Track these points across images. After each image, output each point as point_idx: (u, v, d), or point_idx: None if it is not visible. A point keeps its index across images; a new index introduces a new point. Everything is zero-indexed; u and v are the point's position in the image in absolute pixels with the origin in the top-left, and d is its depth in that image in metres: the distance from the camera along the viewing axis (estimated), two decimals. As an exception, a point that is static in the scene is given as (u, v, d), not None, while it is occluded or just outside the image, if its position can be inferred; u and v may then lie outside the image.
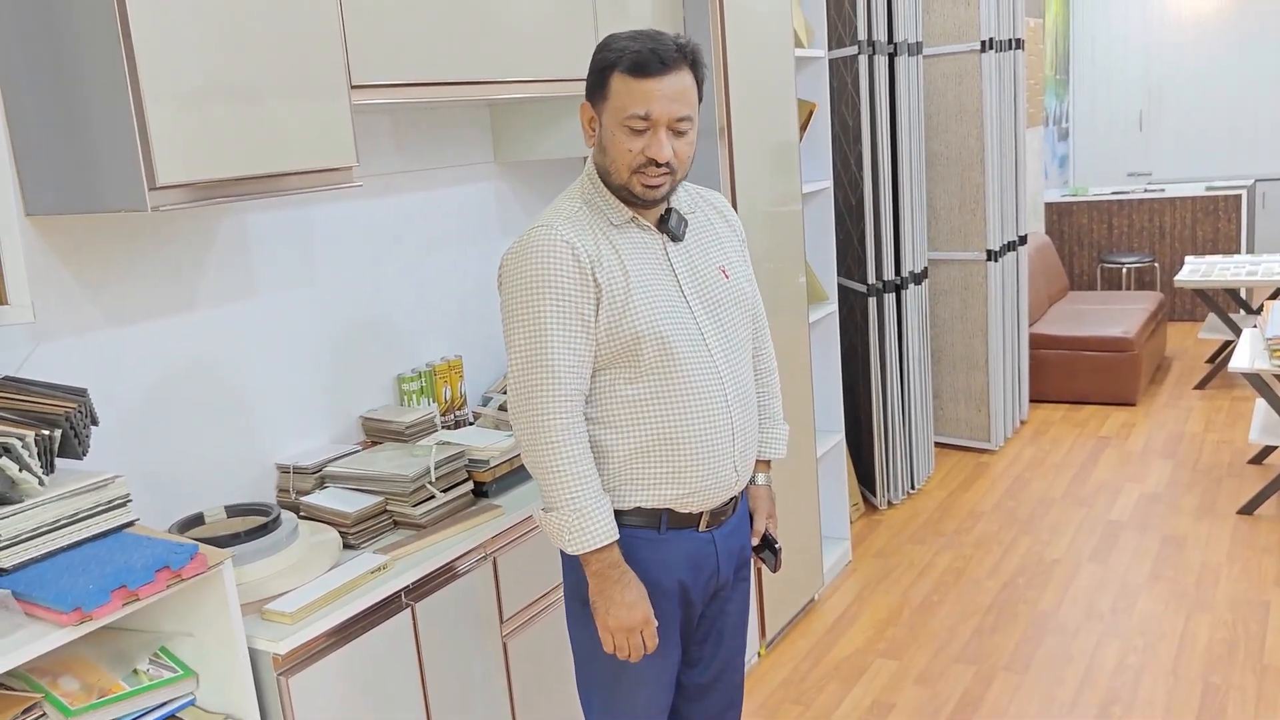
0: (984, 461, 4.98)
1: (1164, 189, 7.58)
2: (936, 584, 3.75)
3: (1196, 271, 5.73)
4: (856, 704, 3.02)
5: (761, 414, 2.04)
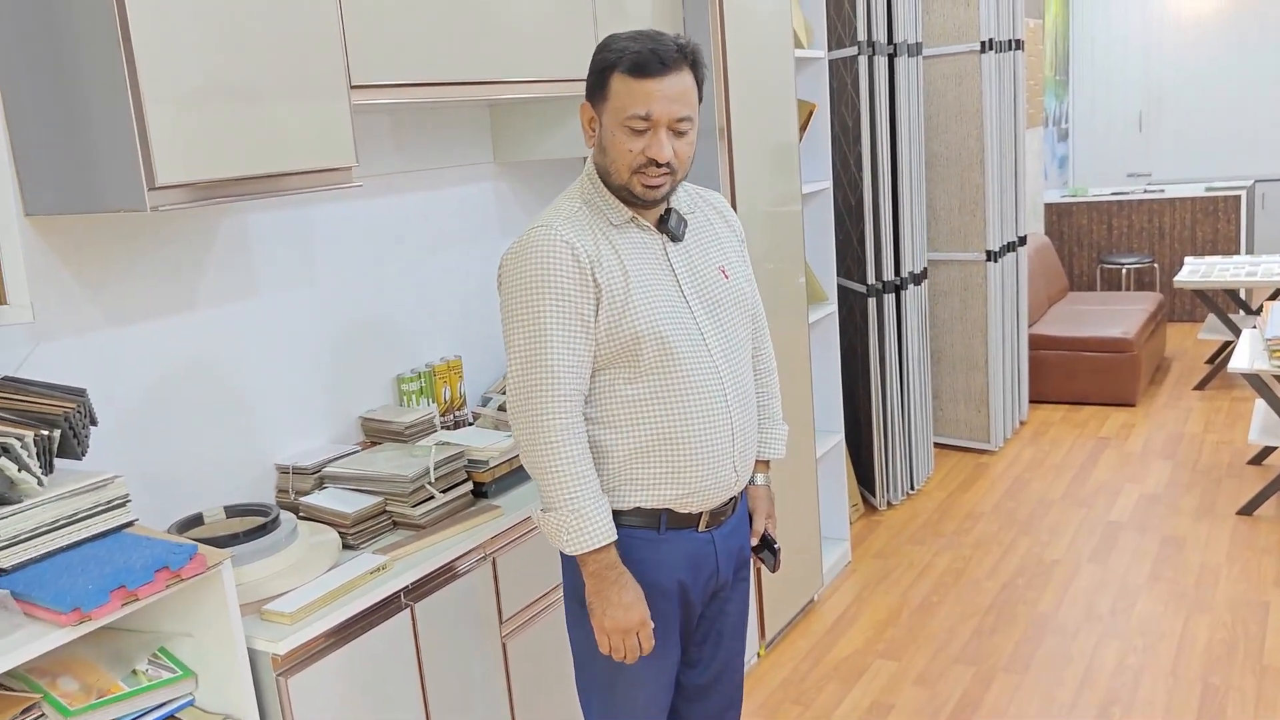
0: (983, 462, 4.98)
1: (1163, 190, 7.58)
2: (936, 585, 3.74)
3: (1196, 272, 5.73)
4: (856, 704, 3.02)
5: (761, 414, 2.04)
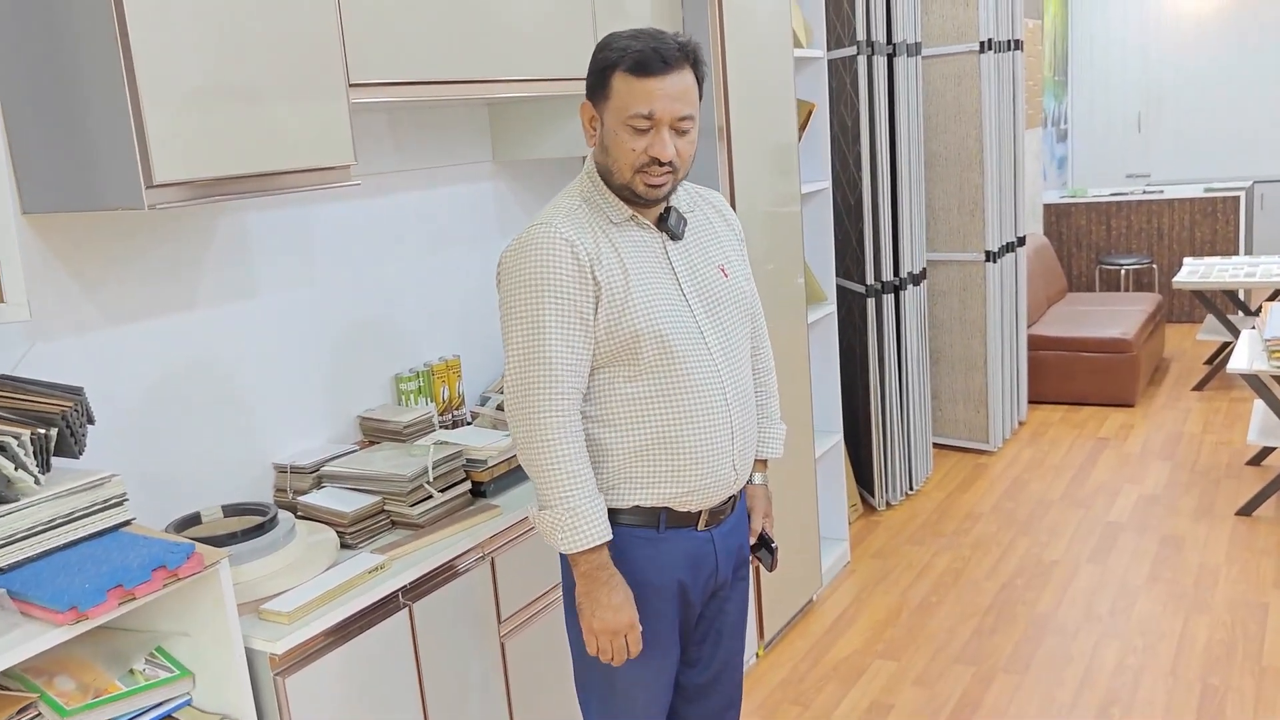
0: (982, 462, 4.98)
1: (1162, 190, 7.58)
2: (935, 585, 3.74)
3: (1195, 273, 5.73)
4: (855, 705, 3.02)
5: (759, 413, 2.04)
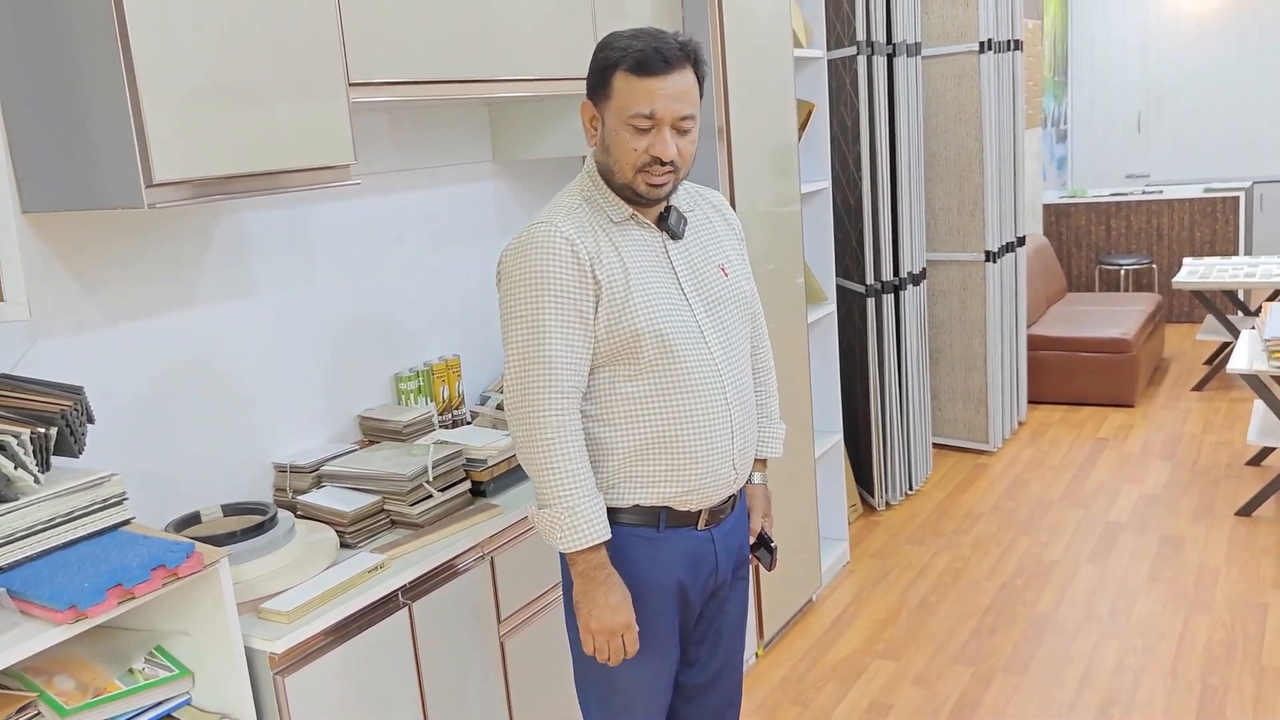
0: (982, 462, 4.98)
1: (1162, 191, 7.58)
2: (935, 585, 3.74)
3: (1195, 273, 5.73)
4: (855, 705, 3.02)
5: (759, 413, 2.04)
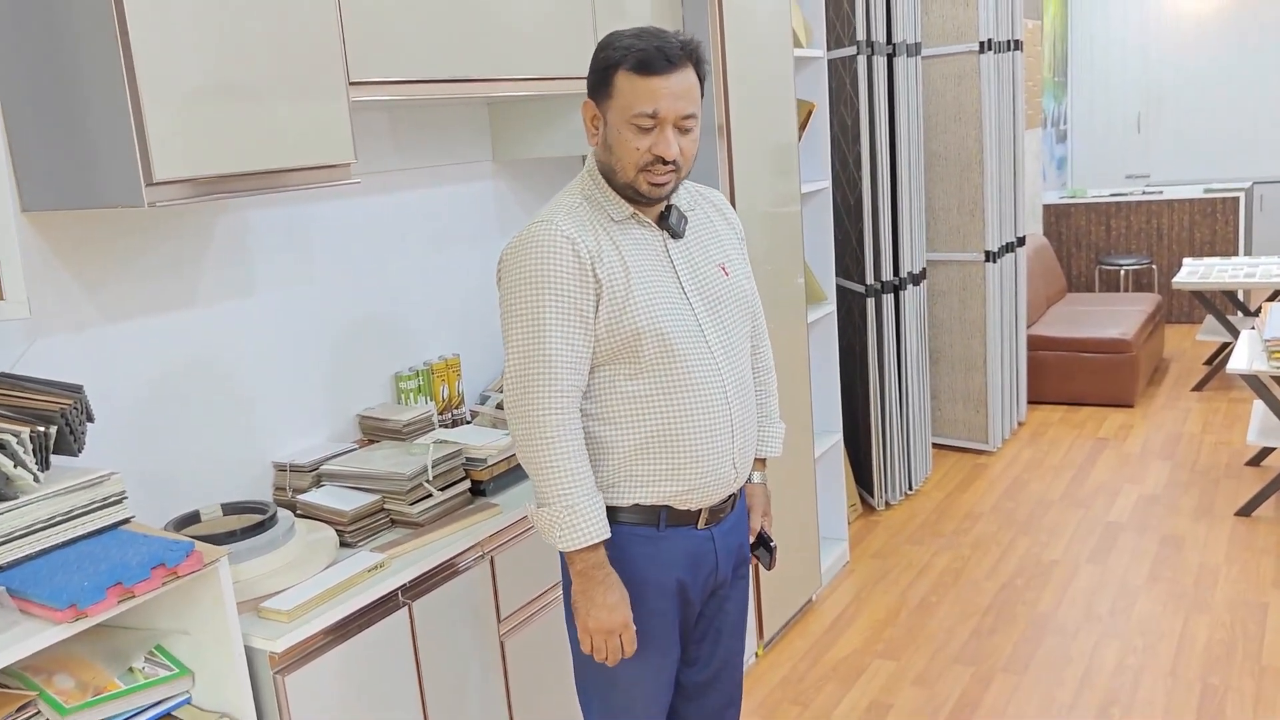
0: (982, 463, 4.98)
1: (1162, 191, 7.58)
2: (935, 585, 3.74)
3: (1194, 273, 5.73)
4: (854, 704, 3.02)
5: (759, 412, 2.04)
